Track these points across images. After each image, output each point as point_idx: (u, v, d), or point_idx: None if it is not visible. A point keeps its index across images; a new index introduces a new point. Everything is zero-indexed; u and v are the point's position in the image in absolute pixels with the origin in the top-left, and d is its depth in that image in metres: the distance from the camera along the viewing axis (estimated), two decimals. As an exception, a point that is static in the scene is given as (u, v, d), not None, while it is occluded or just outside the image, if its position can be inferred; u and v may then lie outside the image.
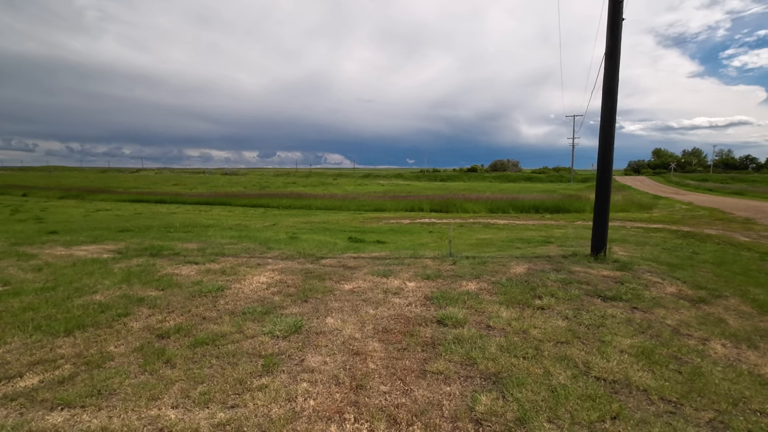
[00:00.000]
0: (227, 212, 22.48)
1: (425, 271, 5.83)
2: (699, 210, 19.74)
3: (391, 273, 5.72)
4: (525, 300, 4.33)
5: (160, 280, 5.45)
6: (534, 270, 5.82)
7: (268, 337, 3.47)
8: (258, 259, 7.02)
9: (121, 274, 5.79)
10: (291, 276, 5.67)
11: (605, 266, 6.23)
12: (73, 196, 33.23)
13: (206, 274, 5.88)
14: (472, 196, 23.98)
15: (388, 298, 4.53)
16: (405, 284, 5.12)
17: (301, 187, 43.09)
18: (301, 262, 6.78)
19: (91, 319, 3.92)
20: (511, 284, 4.94)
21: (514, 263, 6.35)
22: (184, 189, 39.44)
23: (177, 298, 4.63)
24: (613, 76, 6.51)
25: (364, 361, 3.01)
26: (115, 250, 7.86)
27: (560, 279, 5.21)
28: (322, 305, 4.32)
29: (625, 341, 3.35)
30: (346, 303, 4.39)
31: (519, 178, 77.85)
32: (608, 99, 6.51)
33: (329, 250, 8.23)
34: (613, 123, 6.60)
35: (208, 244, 8.86)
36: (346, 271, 6.00)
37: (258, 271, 6.01)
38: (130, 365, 2.98)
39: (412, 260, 6.79)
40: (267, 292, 4.90)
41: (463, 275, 5.49)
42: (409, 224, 16.75)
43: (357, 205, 24.09)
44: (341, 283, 5.25)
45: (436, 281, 5.23)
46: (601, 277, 5.41)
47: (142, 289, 5.03)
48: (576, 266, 6.13)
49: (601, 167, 6.78)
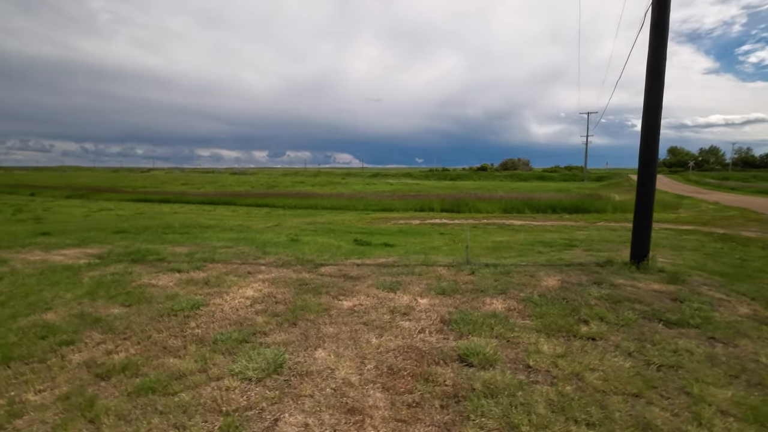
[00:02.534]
0: (231, 212, 21.83)
1: (440, 283, 4.96)
2: (728, 210, 18.48)
3: (399, 285, 4.86)
4: (568, 326, 3.43)
5: (130, 293, 4.67)
6: (569, 282, 4.91)
7: (237, 379, 2.64)
8: (250, 266, 6.22)
9: (89, 285, 5.03)
10: (282, 288, 4.85)
11: (652, 277, 5.29)
12: (80, 195, 33.00)
13: (186, 285, 5.09)
14: (485, 195, 22.96)
15: (395, 321, 3.67)
16: (416, 301, 4.26)
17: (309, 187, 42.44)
18: (298, 270, 5.96)
19: (25, 349, 3.15)
20: (546, 302, 4.05)
21: (543, 273, 5.44)
22: (191, 188, 39.06)
23: (141, 318, 3.84)
24: (660, 52, 5.55)
25: (361, 425, 2.16)
26: (96, 255, 7.14)
27: (604, 295, 4.29)
28: (314, 330, 3.48)
29: (721, 394, 2.44)
30: (344, 327, 3.54)
31: (531, 176, 76.28)
32: (655, 80, 5.55)
33: (331, 255, 7.39)
34: (659, 108, 5.64)
35: (200, 247, 8.10)
36: (347, 282, 5.16)
37: (246, 282, 5.21)
38: (39, 430, 2.18)
39: (423, 268, 5.92)
40: (250, 310, 4.07)
41: (486, 289, 4.61)
42: (419, 225, 15.86)
43: (364, 204, 23.25)
44: (340, 298, 4.40)
45: (453, 297, 4.35)
46: (653, 293, 4.48)
47: (105, 306, 4.25)
48: (617, 278, 5.19)
49: (644, 160, 5.82)
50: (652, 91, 5.63)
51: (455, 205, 20.47)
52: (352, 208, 22.87)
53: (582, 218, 17.14)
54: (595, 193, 22.83)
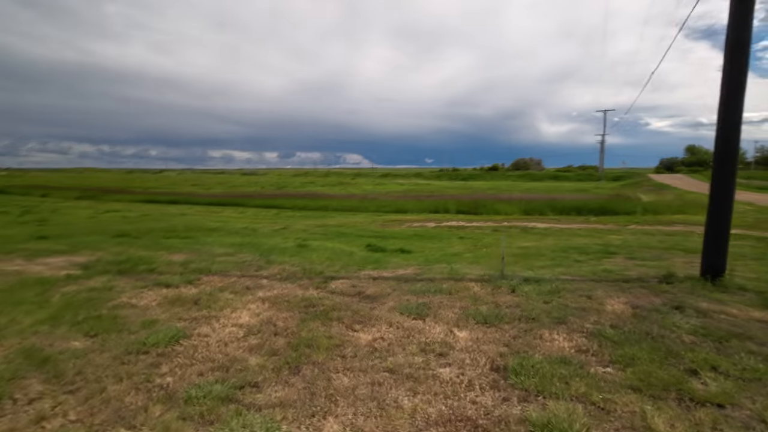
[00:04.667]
0: (238, 214, 21.12)
1: (477, 306, 4.02)
2: (770, 211, 17.11)
3: (428, 309, 3.94)
4: (674, 381, 2.47)
5: (101, 318, 3.84)
6: (641, 307, 3.93)
7: (207, 478, 1.76)
8: (250, 280, 5.37)
9: (57, 306, 4.21)
10: (285, 312, 3.97)
11: (739, 299, 4.28)
12: (89, 196, 32.75)
13: (171, 305, 4.25)
14: (503, 196, 21.87)
15: (430, 367, 2.76)
16: (452, 334, 3.33)
17: (319, 187, 41.70)
18: (304, 284, 5.09)
19: (-69, 409, 2.32)
20: (626, 339, 3.08)
21: (601, 293, 4.46)
22: (200, 189, 38.65)
23: (102, 357, 2.99)
24: (744, 25, 4.54)
25: None
26: (82, 264, 6.36)
27: (698, 328, 3.31)
28: (322, 382, 2.59)
29: None
30: (362, 377, 2.64)
31: (544, 176, 74.43)
32: (739, 56, 4.54)
33: (343, 264, 6.51)
34: (742, 92, 4.62)
35: (198, 254, 7.29)
36: (364, 303, 4.26)
37: (243, 302, 4.35)
38: None
39: (452, 284, 4.99)
40: (242, 345, 3.20)
41: (537, 316, 3.66)
42: (436, 228, 14.90)
43: (376, 205, 22.34)
44: (356, 328, 3.50)
45: (499, 328, 3.42)
46: (758, 324, 3.48)
47: (64, 336, 3.42)
48: (697, 299, 4.20)
49: (721, 156, 4.81)
50: (733, 71, 4.61)
51: (472, 207, 19.43)
52: (364, 210, 21.97)
53: (610, 221, 15.96)
54: (622, 194, 21.56)
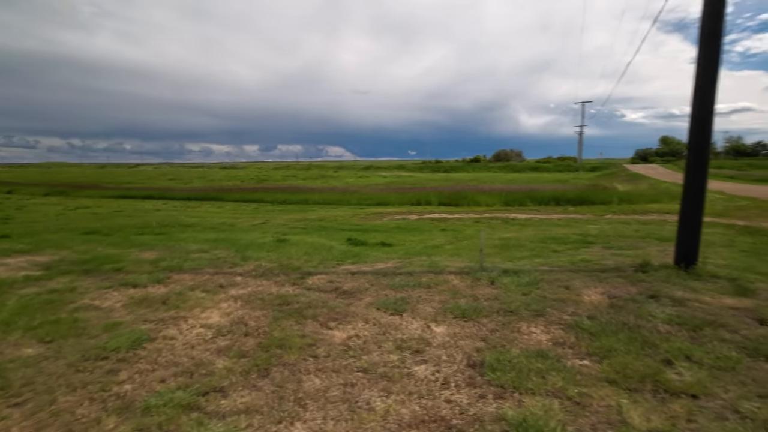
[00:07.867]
0: (216, 208, 20.63)
1: (456, 299, 3.97)
2: (738, 200, 17.74)
3: (406, 304, 3.86)
4: (650, 372, 2.45)
5: (60, 321, 3.61)
6: (617, 296, 3.94)
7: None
8: (223, 277, 5.18)
9: (12, 310, 3.94)
10: (257, 311, 3.82)
11: (711, 286, 4.35)
12: (58, 192, 31.44)
13: (137, 306, 4.04)
14: (484, 187, 22.01)
15: (405, 365, 2.67)
16: (430, 329, 3.26)
17: (301, 180, 41.17)
18: (280, 281, 4.94)
19: None
20: (603, 330, 3.07)
21: (579, 283, 4.47)
22: (178, 184, 37.63)
23: (56, 365, 2.79)
24: (717, 13, 4.56)
25: None
26: (44, 264, 6.02)
27: (673, 317, 3.33)
28: (292, 384, 2.47)
29: None
30: (335, 378, 2.53)
31: (524, 167, 75.52)
32: (711, 46, 4.56)
33: (321, 259, 6.37)
34: (715, 81, 4.66)
35: (171, 252, 7.01)
36: (340, 299, 4.15)
37: (214, 301, 4.17)
38: None
39: (431, 277, 4.93)
40: (210, 347, 3.05)
41: (516, 309, 3.62)
42: (417, 220, 14.87)
43: (358, 198, 22.18)
44: (330, 326, 3.39)
45: (477, 322, 3.36)
46: (730, 312, 3.53)
47: (17, 342, 3.19)
48: (672, 288, 4.24)
49: (695, 145, 4.86)
50: (706, 61, 4.64)
51: (454, 199, 19.49)
52: (346, 203, 21.78)
53: (588, 210, 16.28)
54: (598, 184, 22.00)
